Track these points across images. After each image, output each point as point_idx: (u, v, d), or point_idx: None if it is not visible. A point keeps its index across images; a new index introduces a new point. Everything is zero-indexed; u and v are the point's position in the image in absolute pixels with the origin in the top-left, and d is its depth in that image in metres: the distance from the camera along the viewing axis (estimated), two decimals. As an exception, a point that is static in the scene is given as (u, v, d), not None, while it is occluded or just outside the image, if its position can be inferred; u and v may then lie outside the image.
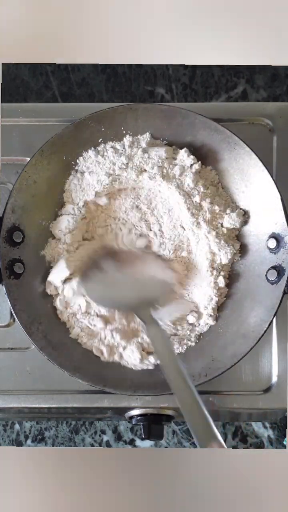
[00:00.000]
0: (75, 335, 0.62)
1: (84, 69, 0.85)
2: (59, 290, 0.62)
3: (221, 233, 0.62)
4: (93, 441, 0.81)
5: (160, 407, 0.63)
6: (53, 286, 0.62)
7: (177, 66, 0.85)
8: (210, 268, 0.62)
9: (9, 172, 0.66)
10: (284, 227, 0.59)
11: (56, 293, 0.63)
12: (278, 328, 0.64)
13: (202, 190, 0.62)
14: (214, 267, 0.62)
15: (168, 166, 0.62)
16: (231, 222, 0.62)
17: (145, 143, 0.63)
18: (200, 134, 0.63)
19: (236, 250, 0.63)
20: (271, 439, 0.80)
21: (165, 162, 0.62)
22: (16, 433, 0.81)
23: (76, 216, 0.63)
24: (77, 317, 0.63)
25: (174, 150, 0.64)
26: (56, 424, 0.81)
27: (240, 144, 0.61)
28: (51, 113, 0.68)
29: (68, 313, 0.63)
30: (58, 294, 0.63)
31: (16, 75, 0.85)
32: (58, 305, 0.62)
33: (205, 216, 0.62)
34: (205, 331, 0.62)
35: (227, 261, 0.62)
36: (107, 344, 0.62)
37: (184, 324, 0.62)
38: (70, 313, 0.63)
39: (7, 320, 0.65)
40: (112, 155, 0.63)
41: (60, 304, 0.62)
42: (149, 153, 0.63)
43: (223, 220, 0.62)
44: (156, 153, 0.63)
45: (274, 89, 0.85)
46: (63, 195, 0.64)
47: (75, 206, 0.63)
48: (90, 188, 0.63)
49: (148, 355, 0.61)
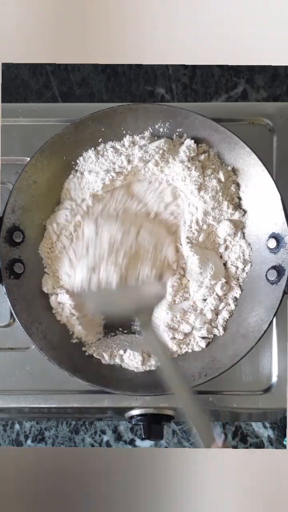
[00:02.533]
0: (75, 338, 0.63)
1: (84, 69, 0.85)
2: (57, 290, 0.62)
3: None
4: (93, 441, 0.81)
5: (160, 407, 0.63)
6: (50, 285, 0.62)
7: (177, 66, 0.85)
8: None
9: (9, 172, 0.66)
10: (284, 227, 0.59)
11: (53, 292, 0.63)
12: (278, 328, 0.64)
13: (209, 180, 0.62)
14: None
15: (169, 155, 0.62)
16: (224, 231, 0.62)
17: (146, 139, 0.63)
18: (200, 134, 0.63)
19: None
20: (271, 439, 0.80)
21: (166, 152, 0.62)
22: (16, 433, 0.81)
23: (74, 211, 0.63)
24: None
25: (174, 142, 0.64)
26: (56, 424, 0.81)
27: (240, 144, 0.61)
28: (51, 113, 0.68)
29: (66, 314, 0.62)
30: (54, 294, 0.63)
31: (16, 75, 0.85)
32: (53, 304, 0.62)
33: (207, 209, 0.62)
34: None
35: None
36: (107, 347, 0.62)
37: (184, 324, 0.62)
38: (68, 313, 0.63)
39: (7, 320, 0.65)
40: (112, 155, 0.63)
41: (53, 303, 0.62)
42: (150, 146, 0.63)
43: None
44: (158, 144, 0.62)
45: (274, 89, 0.85)
46: (61, 193, 0.64)
47: (73, 202, 0.63)
48: (90, 186, 0.63)
49: (150, 357, 0.61)
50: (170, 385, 0.56)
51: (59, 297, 0.62)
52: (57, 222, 0.63)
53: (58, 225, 0.63)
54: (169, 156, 0.62)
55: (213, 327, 0.62)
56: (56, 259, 0.63)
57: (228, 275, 0.62)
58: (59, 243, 0.63)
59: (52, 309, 0.63)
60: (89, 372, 0.60)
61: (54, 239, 0.63)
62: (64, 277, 0.62)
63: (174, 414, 0.63)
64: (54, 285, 0.62)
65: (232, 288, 0.62)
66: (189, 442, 0.80)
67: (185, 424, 0.57)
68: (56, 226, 0.63)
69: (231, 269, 0.62)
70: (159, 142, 0.62)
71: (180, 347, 0.62)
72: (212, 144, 0.63)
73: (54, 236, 0.63)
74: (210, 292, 0.61)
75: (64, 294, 0.61)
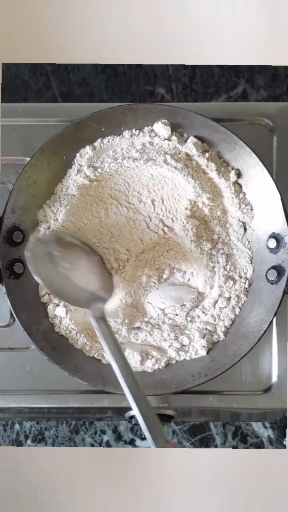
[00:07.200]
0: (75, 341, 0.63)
1: (84, 69, 0.85)
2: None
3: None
4: (93, 441, 0.81)
5: (160, 407, 0.63)
6: (46, 294, 0.62)
7: (177, 66, 0.85)
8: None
9: (9, 172, 0.66)
10: (284, 227, 0.59)
11: (49, 302, 0.62)
12: (278, 328, 0.64)
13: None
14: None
15: (170, 150, 0.62)
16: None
17: (148, 134, 0.63)
18: (200, 134, 0.63)
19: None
20: (271, 439, 0.80)
21: (167, 148, 0.62)
22: (16, 433, 0.81)
23: (67, 198, 0.63)
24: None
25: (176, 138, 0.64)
26: (56, 424, 0.81)
27: (240, 144, 0.61)
28: (51, 113, 0.68)
29: (64, 328, 0.62)
30: (51, 303, 0.62)
31: (16, 75, 0.85)
32: (50, 314, 0.62)
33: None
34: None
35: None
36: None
37: (179, 311, 0.62)
38: (67, 327, 0.62)
39: (7, 320, 0.65)
40: (111, 151, 0.63)
41: (51, 313, 0.62)
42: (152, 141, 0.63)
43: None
44: (159, 139, 0.63)
45: (274, 89, 0.85)
46: (56, 188, 0.64)
47: (66, 194, 0.63)
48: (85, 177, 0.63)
49: (148, 357, 0.61)
50: (120, 382, 0.53)
51: (56, 310, 0.62)
52: (48, 212, 0.63)
53: (51, 212, 0.63)
54: (168, 155, 0.62)
55: (212, 335, 0.62)
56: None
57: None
58: None
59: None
60: (89, 372, 0.60)
61: None
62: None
63: (174, 414, 0.63)
64: (51, 296, 0.62)
65: (241, 299, 0.62)
66: (189, 442, 0.80)
67: (137, 425, 0.57)
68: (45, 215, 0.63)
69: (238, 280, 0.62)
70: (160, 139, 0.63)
71: (178, 354, 0.61)
72: (212, 144, 0.63)
73: None
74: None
75: (61, 307, 0.61)
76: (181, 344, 0.61)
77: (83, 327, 0.62)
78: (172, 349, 0.61)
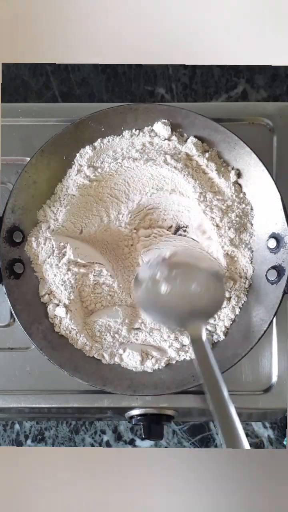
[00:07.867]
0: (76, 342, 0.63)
1: (84, 69, 0.85)
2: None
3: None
4: (93, 441, 0.81)
5: (160, 407, 0.63)
6: (45, 294, 0.62)
7: (177, 66, 0.85)
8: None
9: (9, 172, 0.66)
10: (284, 227, 0.59)
11: (49, 302, 0.62)
12: (278, 328, 0.64)
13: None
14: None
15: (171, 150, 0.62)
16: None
17: (148, 134, 0.63)
18: (200, 134, 0.63)
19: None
20: (271, 439, 0.80)
21: (168, 148, 0.62)
22: (16, 433, 0.81)
23: (68, 198, 0.63)
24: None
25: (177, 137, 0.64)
26: (56, 424, 0.81)
27: (240, 144, 0.61)
28: (51, 113, 0.68)
29: (64, 328, 0.62)
30: (51, 303, 0.62)
31: (16, 75, 0.85)
32: (50, 314, 0.62)
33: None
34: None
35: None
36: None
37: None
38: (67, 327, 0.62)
39: (7, 320, 0.65)
40: (111, 151, 0.63)
41: (50, 312, 0.62)
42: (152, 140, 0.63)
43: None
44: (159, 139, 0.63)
45: (274, 89, 0.85)
46: (56, 188, 0.64)
47: (66, 194, 0.63)
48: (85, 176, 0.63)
49: (148, 357, 0.61)
50: (212, 401, 0.49)
51: (56, 310, 0.61)
52: (49, 210, 0.63)
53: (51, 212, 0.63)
54: (168, 155, 0.62)
55: (212, 335, 0.62)
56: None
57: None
58: None
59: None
60: (89, 372, 0.60)
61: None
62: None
63: (174, 414, 0.63)
64: (51, 297, 0.62)
65: (241, 299, 0.62)
66: (189, 442, 0.80)
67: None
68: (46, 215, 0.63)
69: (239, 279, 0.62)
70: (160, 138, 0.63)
71: (178, 354, 0.61)
72: (212, 144, 0.63)
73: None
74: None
75: (61, 307, 0.61)
76: (181, 344, 0.61)
77: (83, 327, 0.62)
78: (172, 349, 0.61)
